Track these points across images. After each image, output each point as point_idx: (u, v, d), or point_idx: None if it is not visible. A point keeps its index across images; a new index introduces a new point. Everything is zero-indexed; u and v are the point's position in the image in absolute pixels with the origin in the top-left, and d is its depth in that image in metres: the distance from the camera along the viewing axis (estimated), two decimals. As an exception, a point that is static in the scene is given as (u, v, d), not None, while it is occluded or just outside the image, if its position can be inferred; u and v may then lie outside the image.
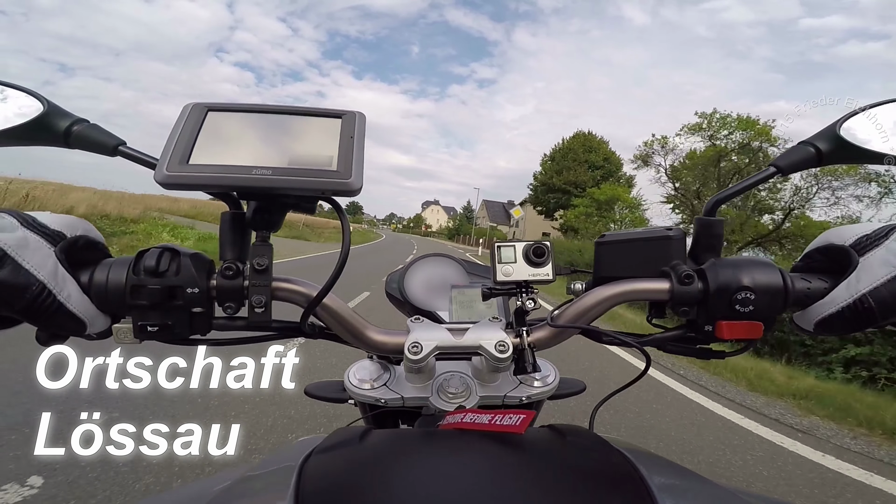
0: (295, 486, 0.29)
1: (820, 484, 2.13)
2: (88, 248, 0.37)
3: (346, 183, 0.34)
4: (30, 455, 0.42)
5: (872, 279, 0.35)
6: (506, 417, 0.36)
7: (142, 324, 0.36)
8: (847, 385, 3.90)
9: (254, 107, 0.39)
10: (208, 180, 0.34)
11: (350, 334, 0.43)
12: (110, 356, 0.42)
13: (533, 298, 0.42)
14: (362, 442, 0.37)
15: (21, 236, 0.31)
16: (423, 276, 0.64)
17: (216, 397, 2.20)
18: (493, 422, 0.36)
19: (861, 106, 0.42)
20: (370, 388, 0.48)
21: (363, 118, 0.39)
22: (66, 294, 0.33)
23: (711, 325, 0.39)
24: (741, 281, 0.38)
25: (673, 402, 3.13)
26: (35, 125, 0.39)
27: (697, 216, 0.44)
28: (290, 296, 0.40)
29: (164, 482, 1.58)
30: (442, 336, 0.41)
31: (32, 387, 0.40)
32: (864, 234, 0.37)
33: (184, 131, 0.35)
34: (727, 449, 2.43)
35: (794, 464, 2.33)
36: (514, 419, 0.36)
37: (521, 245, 0.42)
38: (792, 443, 2.58)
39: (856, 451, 2.54)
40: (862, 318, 0.35)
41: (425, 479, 0.31)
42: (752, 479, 2.13)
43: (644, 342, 0.43)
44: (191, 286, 0.36)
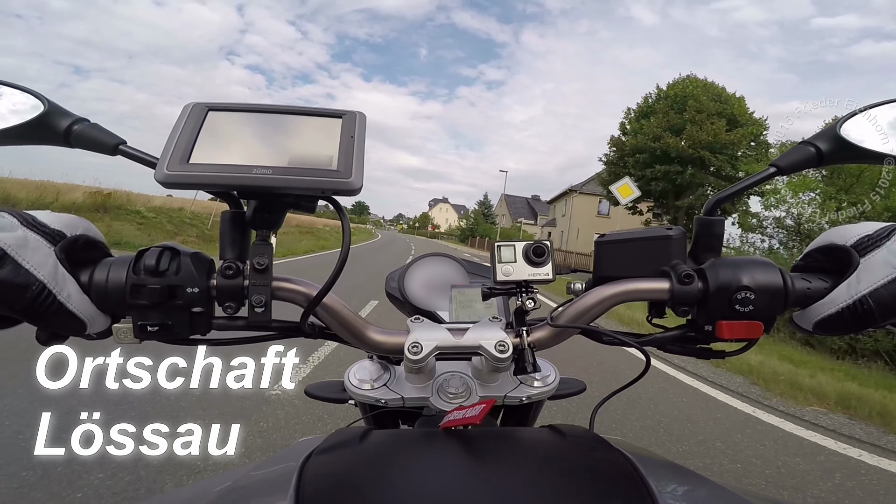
0: (295, 487, 0.29)
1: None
2: (88, 247, 0.37)
3: (347, 182, 0.34)
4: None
5: (873, 280, 0.35)
6: (471, 410, 0.38)
7: (142, 323, 0.36)
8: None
9: (254, 106, 0.39)
10: (208, 179, 0.34)
11: (350, 334, 0.43)
12: (110, 356, 0.42)
13: (533, 298, 0.42)
14: (362, 442, 0.36)
15: (21, 236, 0.31)
16: (423, 276, 0.64)
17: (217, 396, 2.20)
18: (465, 415, 0.38)
19: (861, 106, 0.42)
20: (370, 389, 0.48)
21: (363, 118, 0.39)
22: (66, 294, 0.33)
23: (711, 324, 0.39)
24: (741, 281, 0.38)
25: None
26: (36, 124, 0.39)
27: (697, 216, 0.44)
28: (290, 295, 0.40)
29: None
30: (442, 336, 0.41)
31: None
32: (865, 234, 0.37)
33: (184, 131, 0.35)
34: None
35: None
36: (476, 410, 0.37)
37: (521, 245, 0.42)
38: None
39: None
40: (862, 319, 0.35)
41: (425, 479, 0.31)
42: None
43: (644, 342, 0.43)
44: (191, 286, 0.36)
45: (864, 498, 2.05)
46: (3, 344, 1.99)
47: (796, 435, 2.75)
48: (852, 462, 2.43)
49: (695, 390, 3.51)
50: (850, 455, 2.50)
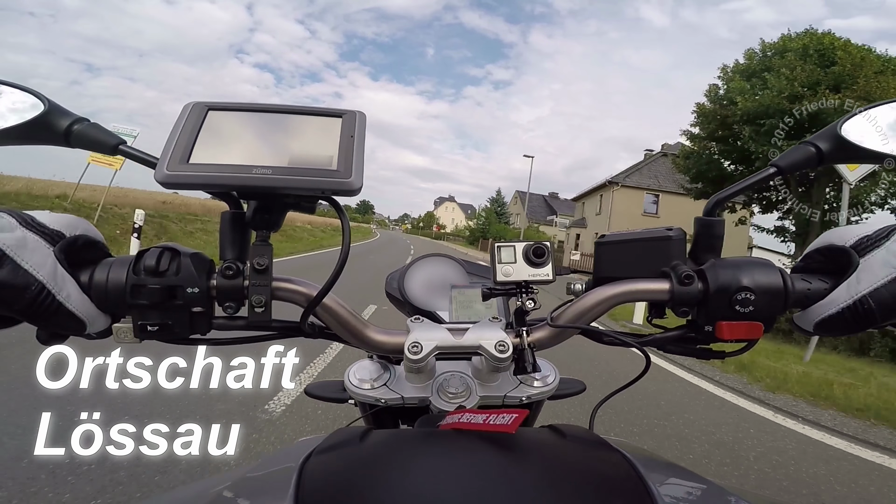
0: (295, 487, 0.29)
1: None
2: (88, 247, 0.36)
3: (347, 182, 0.34)
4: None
5: (873, 280, 0.35)
6: (499, 417, 0.36)
7: (142, 323, 0.36)
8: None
9: (254, 106, 0.39)
10: (208, 179, 0.34)
11: (350, 334, 0.43)
12: (110, 356, 0.42)
13: (533, 298, 0.42)
14: (362, 442, 0.36)
15: (20, 236, 0.31)
16: (423, 276, 0.64)
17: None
18: (487, 421, 0.36)
19: (862, 107, 0.42)
20: (370, 388, 0.48)
21: (363, 117, 0.39)
22: (66, 294, 0.33)
23: (711, 325, 0.39)
24: (741, 281, 0.38)
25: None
26: (36, 124, 0.39)
27: (697, 216, 0.44)
28: (290, 295, 0.40)
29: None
30: (442, 336, 0.41)
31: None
32: (864, 234, 0.37)
33: (184, 130, 0.35)
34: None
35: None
36: (506, 419, 0.36)
37: (521, 245, 0.42)
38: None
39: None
40: (862, 319, 0.35)
41: (425, 479, 0.31)
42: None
43: (644, 342, 0.43)
44: (191, 286, 0.36)
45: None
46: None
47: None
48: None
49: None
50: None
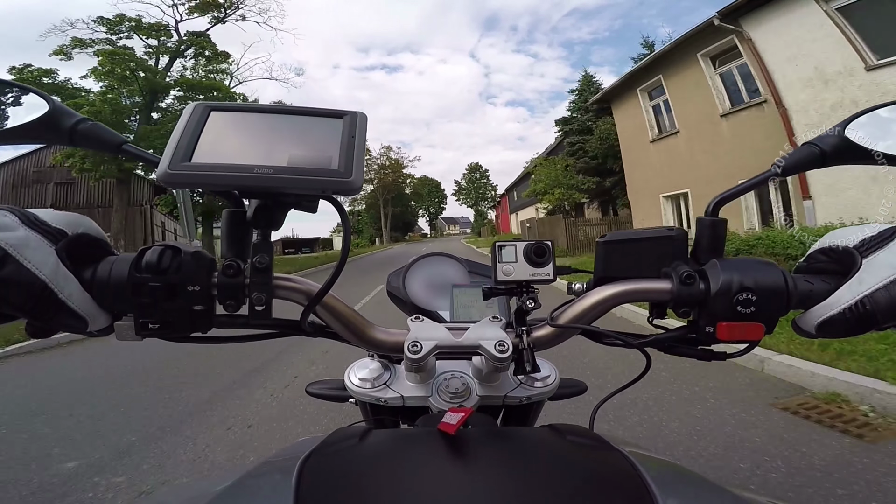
0: (295, 487, 0.29)
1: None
2: (90, 245, 0.37)
3: (347, 182, 0.34)
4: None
5: (875, 281, 0.35)
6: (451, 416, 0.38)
7: (143, 321, 0.36)
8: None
9: (256, 107, 0.39)
10: (209, 179, 0.34)
11: (350, 333, 0.43)
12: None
13: (533, 298, 0.42)
14: (362, 442, 0.37)
15: (22, 235, 0.31)
16: (424, 275, 0.64)
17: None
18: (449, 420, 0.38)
19: (865, 108, 0.42)
20: (370, 388, 0.48)
21: (364, 118, 0.39)
22: (68, 293, 0.33)
23: (713, 326, 0.39)
24: (743, 282, 0.38)
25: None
26: (41, 124, 0.40)
27: (699, 217, 0.43)
28: (291, 294, 0.40)
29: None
30: (442, 335, 0.41)
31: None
32: (867, 235, 0.37)
33: (186, 130, 0.36)
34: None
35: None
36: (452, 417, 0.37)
37: (522, 244, 0.42)
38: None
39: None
40: (864, 321, 0.35)
41: (425, 479, 0.31)
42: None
43: (645, 343, 0.43)
44: (192, 283, 0.36)
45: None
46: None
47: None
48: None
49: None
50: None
